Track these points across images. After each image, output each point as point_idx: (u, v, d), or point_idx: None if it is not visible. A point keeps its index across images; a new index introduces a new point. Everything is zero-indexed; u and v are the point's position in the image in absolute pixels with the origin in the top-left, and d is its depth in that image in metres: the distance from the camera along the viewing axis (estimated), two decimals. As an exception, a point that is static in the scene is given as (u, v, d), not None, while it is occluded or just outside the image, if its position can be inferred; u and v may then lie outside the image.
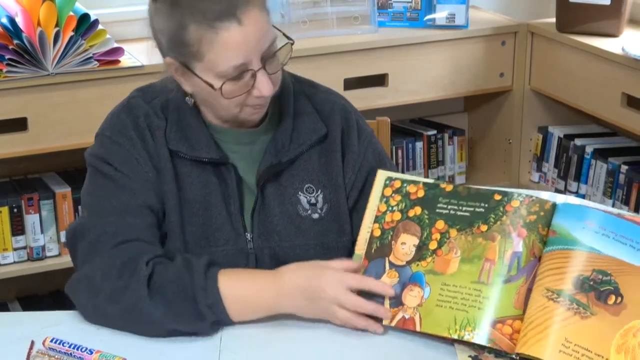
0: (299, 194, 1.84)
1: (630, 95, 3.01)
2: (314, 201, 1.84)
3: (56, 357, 1.59)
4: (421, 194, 1.70)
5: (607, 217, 1.56)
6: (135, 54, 2.85)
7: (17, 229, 2.89)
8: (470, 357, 1.58)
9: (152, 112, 1.80)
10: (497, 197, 1.65)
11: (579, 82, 3.20)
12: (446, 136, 3.61)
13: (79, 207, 2.86)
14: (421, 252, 1.66)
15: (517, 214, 1.62)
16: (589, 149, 3.35)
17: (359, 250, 1.71)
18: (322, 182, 1.83)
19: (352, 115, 1.91)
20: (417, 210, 1.69)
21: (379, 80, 3.24)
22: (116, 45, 2.80)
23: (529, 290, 1.56)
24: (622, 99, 3.03)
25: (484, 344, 1.56)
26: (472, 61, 3.34)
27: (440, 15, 3.31)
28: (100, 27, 2.74)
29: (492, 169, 3.62)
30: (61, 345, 1.60)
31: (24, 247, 2.91)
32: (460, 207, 1.67)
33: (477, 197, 1.66)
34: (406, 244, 1.68)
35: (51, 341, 1.61)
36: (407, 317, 1.62)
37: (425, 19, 3.32)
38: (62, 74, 2.71)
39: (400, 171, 2.90)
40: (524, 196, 1.63)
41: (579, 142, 3.40)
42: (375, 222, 1.71)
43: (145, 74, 2.73)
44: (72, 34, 2.67)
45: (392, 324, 1.63)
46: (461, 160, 3.65)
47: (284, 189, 1.83)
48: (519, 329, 1.54)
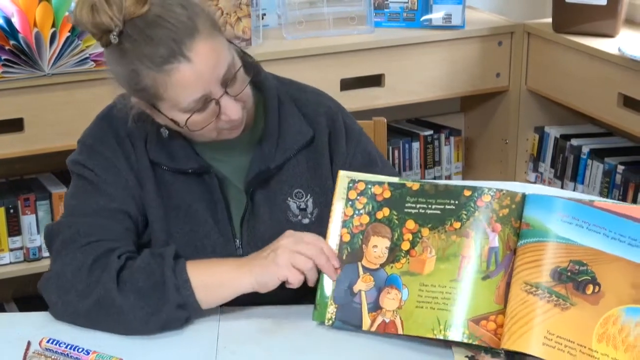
0: (289, 199, 1.83)
1: (626, 95, 3.01)
2: (303, 206, 1.83)
3: (53, 357, 1.59)
4: (387, 195, 1.68)
5: (579, 207, 1.56)
6: (131, 54, 2.85)
7: (14, 229, 2.89)
8: (467, 357, 1.58)
9: (132, 121, 1.78)
10: (467, 192, 1.63)
11: (575, 82, 3.20)
12: (442, 136, 3.61)
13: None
14: (394, 253, 1.65)
15: (490, 209, 1.61)
16: (586, 149, 3.35)
17: None
18: (311, 186, 1.82)
19: (338, 116, 1.90)
20: (386, 211, 1.67)
21: (376, 80, 3.24)
22: (112, 45, 2.79)
23: (508, 284, 1.56)
24: (619, 99, 3.03)
25: (469, 342, 1.56)
26: (469, 61, 3.34)
27: (436, 15, 3.31)
28: (96, 27, 2.73)
29: (488, 169, 3.62)
30: (58, 345, 1.60)
31: (20, 248, 2.91)
32: (429, 206, 1.65)
33: (446, 194, 1.64)
34: (378, 247, 1.66)
35: (48, 342, 1.61)
36: (387, 320, 1.62)
37: (421, 19, 3.32)
38: (59, 74, 2.71)
39: (397, 172, 2.90)
40: (494, 190, 1.62)
41: (575, 142, 3.41)
42: (343, 227, 1.68)
43: (141, 75, 2.72)
44: (69, 34, 2.67)
45: (373, 328, 1.63)
46: (458, 160, 3.65)
47: (273, 195, 1.83)
48: (502, 323, 1.55)
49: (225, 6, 3.00)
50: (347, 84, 3.18)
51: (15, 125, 2.75)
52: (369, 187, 1.69)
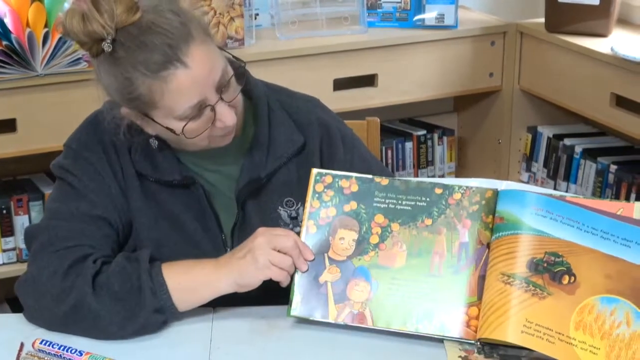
0: (279, 208, 1.83)
1: (619, 95, 3.02)
2: (294, 214, 1.83)
3: (46, 359, 1.59)
4: (355, 189, 1.70)
5: (552, 202, 1.61)
6: (124, 54, 2.85)
7: (7, 230, 2.88)
8: (460, 357, 1.58)
9: (118, 129, 1.76)
10: (438, 190, 1.68)
11: (568, 82, 3.21)
12: (436, 136, 3.61)
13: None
14: (362, 246, 1.67)
15: (460, 206, 1.66)
16: (578, 149, 3.36)
17: None
18: (303, 194, 1.79)
19: (332, 125, 1.89)
20: (353, 204, 1.70)
21: (369, 80, 3.24)
22: (105, 45, 2.79)
23: (481, 277, 1.61)
24: (611, 98, 3.04)
25: (441, 335, 1.60)
26: (462, 61, 3.34)
27: (429, 15, 3.31)
28: (89, 27, 2.73)
29: (481, 169, 3.62)
30: (51, 347, 1.60)
31: (13, 249, 2.91)
32: (399, 201, 1.69)
33: (417, 192, 1.69)
34: (345, 239, 1.68)
35: (41, 343, 1.61)
36: (355, 312, 1.64)
37: (414, 19, 3.32)
38: (51, 74, 2.71)
39: (391, 172, 2.91)
40: (464, 188, 1.67)
41: (568, 142, 3.41)
42: (310, 219, 1.70)
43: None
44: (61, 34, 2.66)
45: (340, 319, 1.64)
46: (451, 160, 3.66)
47: (264, 204, 1.82)
48: (474, 315, 1.60)
49: (218, 6, 3.00)
50: (341, 84, 3.18)
51: (8, 125, 2.75)
52: (337, 180, 1.72)
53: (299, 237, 1.69)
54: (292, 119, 1.86)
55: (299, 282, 1.67)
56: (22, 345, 1.62)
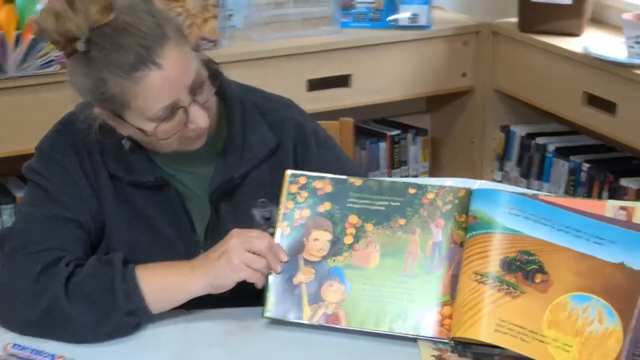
0: (253, 209, 1.82)
1: (591, 94, 3.04)
2: (268, 215, 1.83)
3: (18, 363, 1.58)
4: (329, 190, 1.71)
5: (525, 200, 1.61)
6: (97, 56, 2.84)
7: (-21, 233, 2.87)
8: (433, 357, 1.59)
9: (90, 131, 1.75)
10: (412, 190, 1.69)
11: (540, 81, 3.23)
12: (409, 136, 3.62)
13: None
14: (336, 247, 1.67)
15: (434, 206, 1.67)
16: (551, 148, 3.38)
17: None
18: (276, 195, 1.77)
19: (306, 125, 1.88)
20: (327, 205, 1.70)
21: (343, 80, 3.24)
22: (78, 47, 2.78)
23: (454, 276, 1.62)
24: (584, 97, 3.06)
25: (414, 334, 1.60)
26: (435, 61, 3.35)
27: (402, 15, 3.32)
28: (61, 29, 2.72)
29: (455, 168, 3.64)
30: (23, 351, 1.59)
31: (-14, 252, 2.89)
32: (373, 202, 1.69)
33: (391, 192, 1.69)
34: (319, 240, 1.68)
35: (13, 347, 1.60)
36: (329, 313, 1.64)
37: (388, 20, 3.33)
38: (24, 77, 2.70)
39: (366, 173, 2.91)
40: (437, 188, 1.68)
41: (541, 140, 3.43)
42: (284, 220, 1.70)
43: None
44: (34, 36, 2.65)
45: (314, 320, 1.64)
46: (424, 160, 3.67)
47: (237, 205, 1.82)
48: (448, 314, 1.60)
49: (191, 7, 2.99)
50: (314, 85, 3.18)
51: (-21, 128, 2.74)
52: (311, 181, 1.72)
53: (273, 238, 1.69)
54: (265, 119, 1.85)
55: (274, 283, 1.67)
56: (-6, 349, 1.61)
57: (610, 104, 2.96)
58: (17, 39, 2.63)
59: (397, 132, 3.60)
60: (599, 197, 3.12)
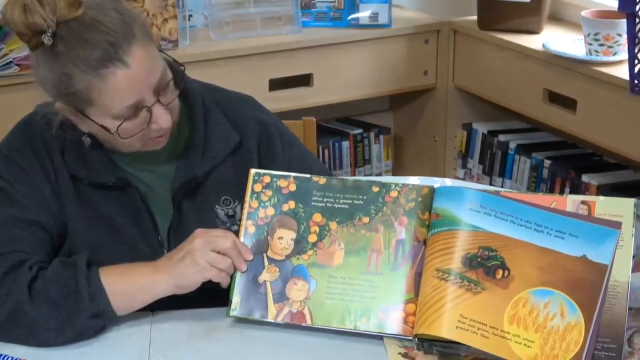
0: (216, 207, 1.82)
1: (551, 91, 3.06)
2: (231, 213, 1.83)
3: (-19, 367, 1.57)
4: (293, 188, 1.71)
5: (487, 196, 1.62)
6: (56, 57, 2.82)
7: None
8: (400, 354, 1.59)
9: (50, 131, 1.74)
10: (375, 189, 1.69)
11: (501, 78, 3.25)
12: (372, 135, 3.63)
13: None
14: (300, 245, 1.68)
15: (397, 204, 1.67)
16: (513, 145, 3.40)
17: None
18: (240, 192, 1.77)
19: (269, 123, 1.88)
20: (291, 204, 1.70)
21: (304, 80, 3.25)
22: (37, 49, 2.76)
23: (417, 274, 1.62)
24: (544, 94, 3.08)
25: (379, 332, 1.61)
26: (396, 60, 3.37)
27: (363, 14, 3.33)
28: (20, 31, 2.70)
29: (418, 166, 3.65)
30: (-14, 355, 1.58)
31: (-53, 257, 2.85)
32: (337, 200, 1.70)
33: (355, 190, 1.70)
34: (283, 239, 1.69)
35: (-25, 351, 1.59)
36: (294, 311, 1.64)
37: (348, 19, 3.34)
38: (-18, 79, 2.67)
39: (330, 172, 2.91)
40: (400, 185, 1.69)
41: (502, 138, 3.45)
42: (248, 219, 1.70)
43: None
44: (-9, 38, 2.63)
45: (279, 319, 1.65)
46: (387, 158, 3.68)
47: (200, 203, 1.81)
48: (411, 312, 1.61)
49: (150, 8, 2.98)
50: (276, 84, 3.18)
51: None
52: (275, 180, 1.72)
53: (237, 237, 1.69)
54: (227, 118, 1.85)
55: (239, 282, 1.67)
56: (-44, 354, 1.59)
57: (570, 100, 2.99)
58: (-25, 41, 2.61)
59: (360, 130, 3.61)
60: (561, 193, 3.14)
